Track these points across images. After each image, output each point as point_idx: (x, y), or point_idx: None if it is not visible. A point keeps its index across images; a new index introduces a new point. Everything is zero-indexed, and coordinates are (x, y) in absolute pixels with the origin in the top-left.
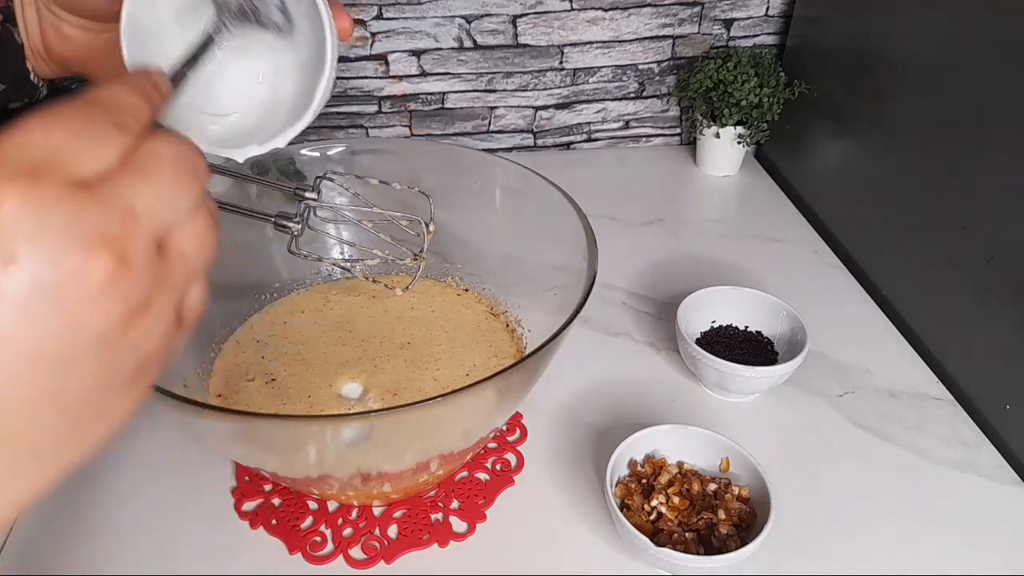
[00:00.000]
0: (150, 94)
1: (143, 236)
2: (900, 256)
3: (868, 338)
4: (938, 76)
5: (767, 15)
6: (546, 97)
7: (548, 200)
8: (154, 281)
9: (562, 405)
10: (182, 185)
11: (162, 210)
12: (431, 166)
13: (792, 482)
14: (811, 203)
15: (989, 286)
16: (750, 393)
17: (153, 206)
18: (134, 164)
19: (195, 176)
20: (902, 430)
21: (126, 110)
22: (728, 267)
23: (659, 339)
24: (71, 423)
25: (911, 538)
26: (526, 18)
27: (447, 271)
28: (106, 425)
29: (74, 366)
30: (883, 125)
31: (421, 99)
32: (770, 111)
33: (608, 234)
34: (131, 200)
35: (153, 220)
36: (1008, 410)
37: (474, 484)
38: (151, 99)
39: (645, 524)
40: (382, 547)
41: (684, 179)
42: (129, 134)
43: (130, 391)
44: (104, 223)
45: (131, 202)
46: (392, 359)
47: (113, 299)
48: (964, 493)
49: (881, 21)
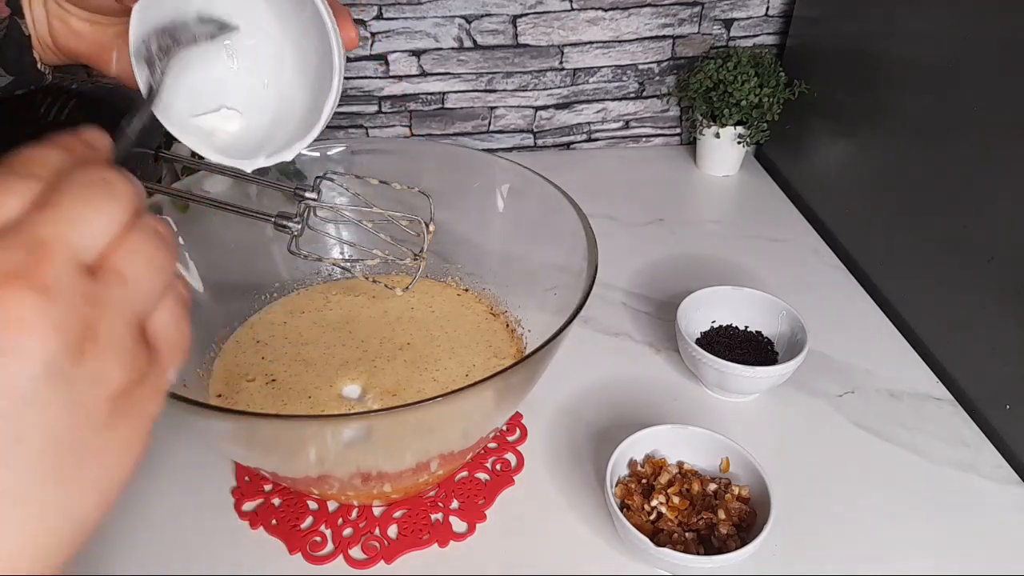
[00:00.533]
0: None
1: (60, 263)
2: (900, 256)
3: (868, 338)
4: (938, 76)
5: (767, 15)
6: (546, 97)
7: (548, 200)
8: (88, 304)
9: (562, 405)
10: (97, 206)
11: (74, 235)
12: (431, 166)
13: (792, 482)
14: (811, 203)
15: (989, 286)
16: (750, 393)
17: (63, 232)
18: (40, 200)
19: (111, 197)
20: (902, 430)
21: (34, 162)
22: (728, 267)
23: (659, 339)
24: (51, 467)
25: (911, 538)
26: (526, 18)
27: (447, 271)
28: (101, 466)
29: (31, 407)
30: (883, 125)
31: (421, 99)
32: (770, 111)
33: (608, 234)
34: (38, 233)
35: (68, 245)
36: (1008, 410)
37: (474, 484)
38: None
39: (645, 524)
40: (382, 547)
41: (684, 179)
42: (36, 180)
43: (116, 427)
44: (12, 259)
45: (38, 234)
46: (392, 359)
47: (44, 329)
48: (964, 493)
49: (881, 21)
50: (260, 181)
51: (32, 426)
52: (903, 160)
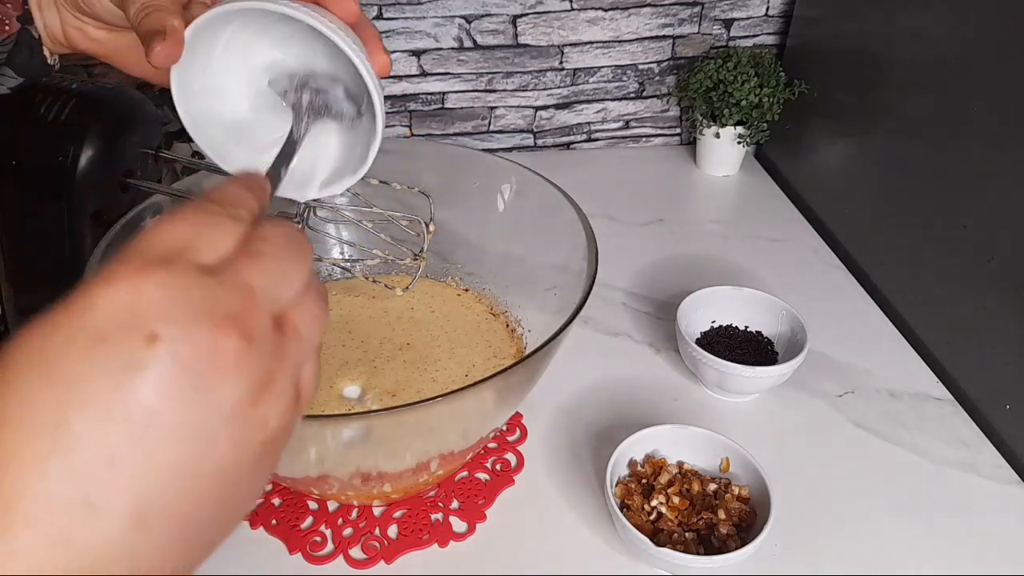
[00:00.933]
0: (256, 190)
1: (262, 313)
2: (900, 256)
3: (868, 338)
4: (938, 76)
5: (767, 15)
6: (546, 97)
7: (548, 200)
8: (274, 356)
9: (562, 405)
10: (292, 264)
11: (276, 288)
12: (431, 166)
13: (792, 482)
14: (811, 203)
15: (989, 286)
16: (750, 393)
17: (268, 285)
18: (248, 249)
19: (302, 256)
20: (902, 430)
21: (239, 203)
22: (728, 267)
23: (659, 339)
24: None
25: (911, 538)
26: (526, 18)
27: (447, 271)
28: (242, 502)
29: (210, 443)
30: (883, 125)
31: (421, 99)
32: (770, 111)
33: (608, 234)
34: (249, 280)
35: (269, 298)
36: (1008, 410)
37: (474, 484)
38: (257, 194)
39: (645, 524)
40: (382, 547)
41: (684, 179)
42: (242, 223)
43: (258, 471)
44: (229, 303)
45: (249, 282)
46: (392, 360)
47: (241, 374)
48: (964, 493)
49: (881, 21)
50: None
51: (208, 460)
52: (903, 160)
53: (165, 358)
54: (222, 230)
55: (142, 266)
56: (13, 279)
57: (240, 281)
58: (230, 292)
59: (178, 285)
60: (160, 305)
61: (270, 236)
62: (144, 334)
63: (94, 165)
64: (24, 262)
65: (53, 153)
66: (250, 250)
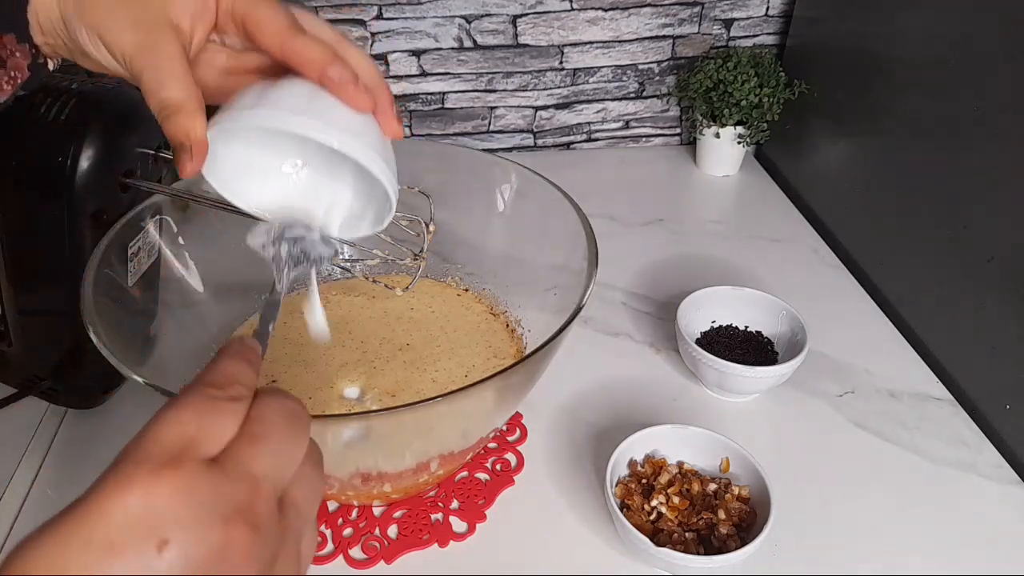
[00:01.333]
0: (251, 357)
1: (267, 499)
2: (900, 256)
3: (868, 338)
4: (938, 76)
5: (767, 15)
6: (546, 97)
7: (548, 200)
8: (278, 539)
9: (562, 405)
10: (292, 441)
11: (279, 469)
12: (431, 166)
13: (792, 482)
14: (811, 203)
15: (989, 286)
16: (750, 393)
17: (271, 467)
18: (248, 430)
19: (301, 429)
20: (902, 430)
21: (237, 380)
22: (728, 267)
23: (659, 339)
24: None
25: (911, 538)
26: (526, 18)
27: (447, 271)
28: None
29: None
30: (883, 125)
31: (421, 99)
32: (770, 111)
33: (608, 234)
34: (252, 467)
35: (272, 481)
36: (1008, 410)
37: (474, 484)
38: (253, 361)
39: (645, 524)
40: (382, 547)
41: (684, 179)
42: (243, 403)
43: None
44: (236, 496)
45: (253, 469)
46: (391, 360)
47: (250, 565)
48: (964, 493)
49: (881, 21)
50: None
51: None
52: (903, 160)
53: (178, 563)
54: (224, 417)
55: (152, 471)
56: (13, 279)
57: (244, 471)
58: (236, 484)
59: (187, 487)
60: (170, 510)
61: (269, 416)
62: (156, 541)
63: (94, 165)
64: (24, 262)
65: (53, 153)
66: (251, 433)
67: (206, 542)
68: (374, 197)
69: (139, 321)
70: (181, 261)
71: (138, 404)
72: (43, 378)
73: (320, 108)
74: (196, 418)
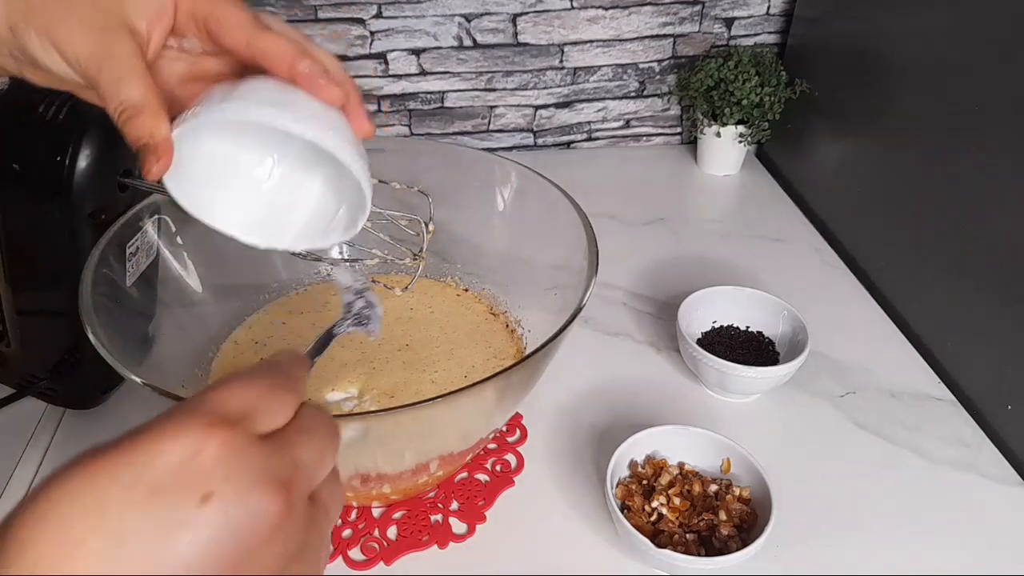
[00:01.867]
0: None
1: (304, 485)
2: (901, 256)
3: (869, 338)
4: (939, 75)
5: (768, 14)
6: (546, 96)
7: (548, 200)
8: (307, 528)
9: (562, 405)
10: (329, 448)
11: (316, 465)
12: (431, 165)
13: (793, 483)
14: (812, 203)
15: (989, 286)
16: (751, 394)
17: (311, 461)
18: (298, 424)
19: (336, 440)
20: (903, 430)
21: (299, 379)
22: (729, 267)
23: (660, 339)
24: None
25: (912, 538)
26: (526, 16)
27: (447, 271)
28: None
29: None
30: (884, 124)
31: (420, 98)
32: (771, 110)
33: (609, 234)
34: (297, 453)
35: (310, 473)
36: (1009, 410)
37: (474, 485)
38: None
39: (646, 525)
40: (381, 548)
41: (685, 178)
42: (298, 398)
43: None
44: (281, 471)
45: (297, 455)
46: (390, 361)
47: (278, 540)
48: (965, 493)
49: (882, 20)
50: None
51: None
52: (905, 159)
53: (216, 519)
54: (283, 402)
55: (208, 424)
56: (11, 279)
57: (289, 453)
58: (282, 461)
59: (240, 447)
60: (219, 465)
61: (315, 419)
62: (201, 492)
63: (92, 164)
64: (22, 262)
65: (52, 153)
66: (299, 427)
67: (246, 505)
68: (345, 199)
69: (137, 321)
70: (179, 261)
71: (136, 404)
72: (41, 378)
73: (291, 100)
74: (258, 395)
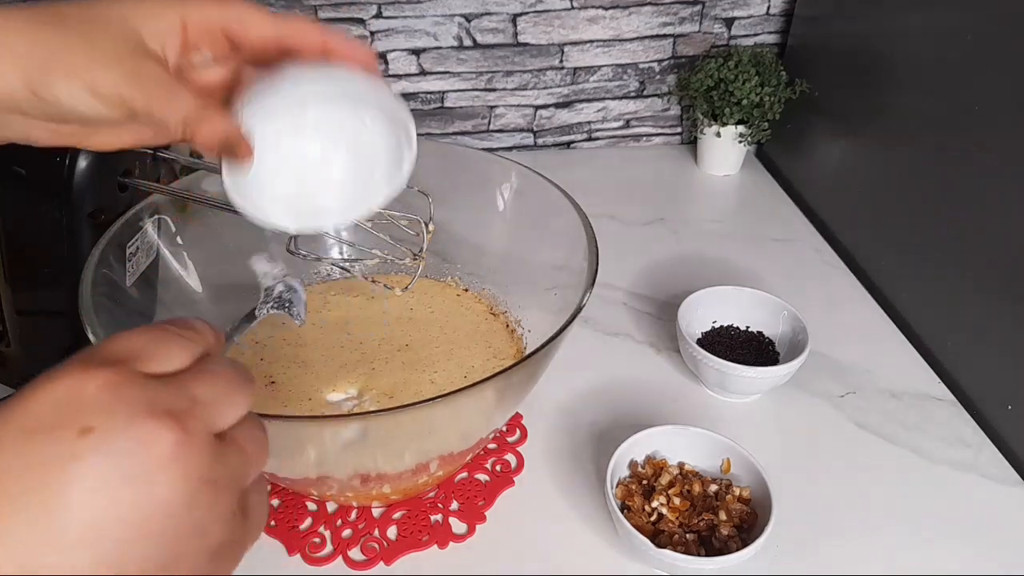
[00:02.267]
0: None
1: (204, 418)
2: (901, 256)
3: (869, 338)
4: (939, 76)
5: (768, 14)
6: (546, 96)
7: (548, 200)
8: (213, 461)
9: (562, 406)
10: (236, 390)
11: (219, 403)
12: (431, 165)
13: (793, 483)
14: (812, 203)
15: (989, 286)
16: (751, 394)
17: (212, 399)
18: (196, 367)
19: (247, 385)
20: (903, 430)
21: (195, 332)
22: (729, 267)
23: (660, 339)
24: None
25: (912, 539)
26: (526, 16)
27: (447, 271)
28: None
29: (138, 538)
30: (884, 124)
31: (420, 98)
32: (771, 110)
33: (608, 234)
34: (193, 391)
35: (212, 410)
36: (1010, 410)
37: (474, 485)
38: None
39: (646, 525)
40: (381, 548)
41: (685, 178)
42: (194, 348)
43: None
44: (169, 401)
45: (193, 392)
46: (390, 361)
47: (175, 470)
48: (965, 493)
49: (882, 20)
50: None
51: (132, 559)
52: (905, 159)
53: (96, 448)
54: (175, 347)
55: (86, 366)
56: (11, 279)
57: (182, 389)
58: (172, 394)
59: (121, 383)
60: (99, 400)
61: (218, 364)
62: (79, 427)
63: (92, 164)
64: (23, 262)
65: (52, 153)
66: (198, 368)
67: (128, 433)
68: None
69: (137, 321)
70: (179, 261)
71: None
72: None
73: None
74: (145, 340)
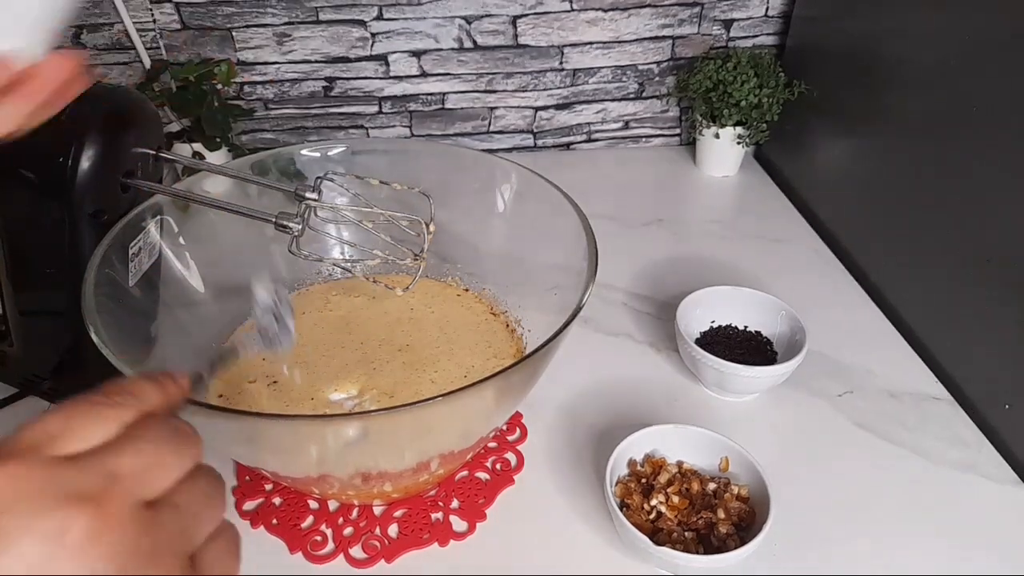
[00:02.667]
0: (167, 385)
1: (127, 491)
2: (900, 256)
3: (868, 338)
4: (938, 76)
5: (767, 15)
6: (546, 97)
7: (548, 200)
8: (143, 531)
9: (562, 405)
10: (172, 451)
11: (147, 472)
12: (431, 166)
13: (791, 482)
14: (811, 203)
15: (989, 286)
16: (749, 393)
17: (139, 468)
18: (123, 437)
19: (185, 445)
20: (902, 430)
21: (129, 393)
22: (728, 267)
23: (659, 339)
24: None
25: (911, 538)
26: (526, 19)
27: (447, 271)
28: None
29: None
30: (883, 125)
31: (421, 99)
32: (770, 111)
33: (608, 234)
34: (111, 465)
35: (139, 479)
36: (1008, 410)
37: (474, 483)
38: (167, 389)
39: (645, 523)
40: (382, 546)
41: (684, 179)
42: (125, 411)
43: None
44: (80, 483)
45: (111, 466)
46: (391, 361)
47: (93, 552)
48: (964, 493)
49: (881, 21)
50: (260, 182)
51: None
52: (903, 160)
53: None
54: (96, 420)
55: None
56: (14, 279)
57: (100, 466)
58: (88, 475)
59: (26, 476)
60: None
61: (150, 427)
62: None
63: (95, 165)
64: (25, 262)
65: (54, 153)
66: (124, 436)
67: (35, 525)
68: None
69: (140, 321)
70: (182, 261)
71: None
72: (43, 378)
73: None
74: (64, 419)
